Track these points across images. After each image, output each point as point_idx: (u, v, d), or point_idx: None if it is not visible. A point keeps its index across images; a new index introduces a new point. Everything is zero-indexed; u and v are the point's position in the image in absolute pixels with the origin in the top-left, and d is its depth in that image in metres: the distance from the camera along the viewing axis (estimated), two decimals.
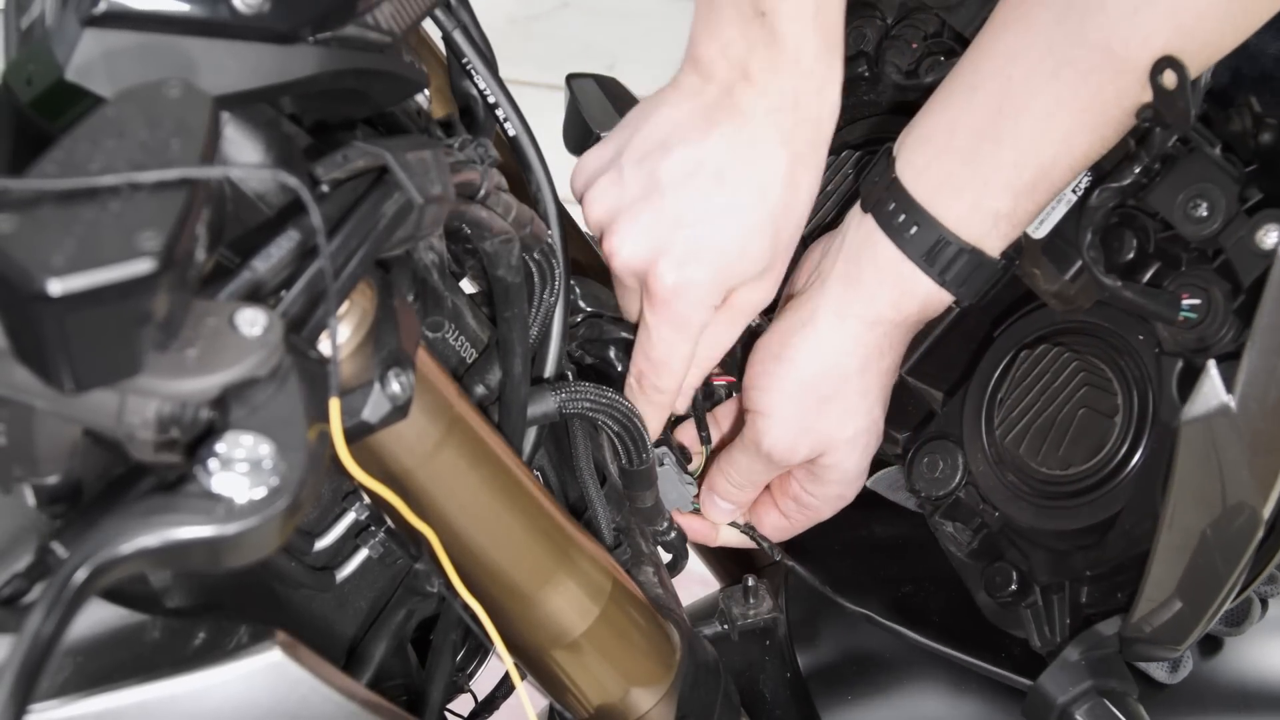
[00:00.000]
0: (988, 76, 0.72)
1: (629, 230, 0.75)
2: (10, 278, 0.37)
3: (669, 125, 0.76)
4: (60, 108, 0.48)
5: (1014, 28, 0.71)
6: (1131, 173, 0.71)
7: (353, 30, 0.53)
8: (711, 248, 0.75)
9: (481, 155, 0.64)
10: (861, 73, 0.88)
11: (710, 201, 0.74)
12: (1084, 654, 0.76)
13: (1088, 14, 0.68)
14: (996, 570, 0.81)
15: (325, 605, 0.67)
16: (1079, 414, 0.77)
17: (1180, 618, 0.72)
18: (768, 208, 0.75)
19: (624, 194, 0.76)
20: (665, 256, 0.75)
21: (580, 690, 0.70)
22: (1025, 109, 0.71)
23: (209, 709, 0.50)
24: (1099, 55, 0.68)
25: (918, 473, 0.83)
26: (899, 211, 0.74)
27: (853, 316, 0.77)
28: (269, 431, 0.42)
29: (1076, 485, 0.77)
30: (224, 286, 0.46)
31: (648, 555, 0.80)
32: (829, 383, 0.79)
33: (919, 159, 0.75)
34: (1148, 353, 0.74)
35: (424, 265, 0.63)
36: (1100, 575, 0.77)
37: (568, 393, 0.72)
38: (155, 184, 0.40)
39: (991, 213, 0.73)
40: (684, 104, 0.76)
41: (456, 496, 0.62)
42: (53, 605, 0.39)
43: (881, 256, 0.76)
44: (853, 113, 0.89)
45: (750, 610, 0.88)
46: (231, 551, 0.41)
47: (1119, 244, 0.73)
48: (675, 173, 0.75)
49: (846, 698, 0.88)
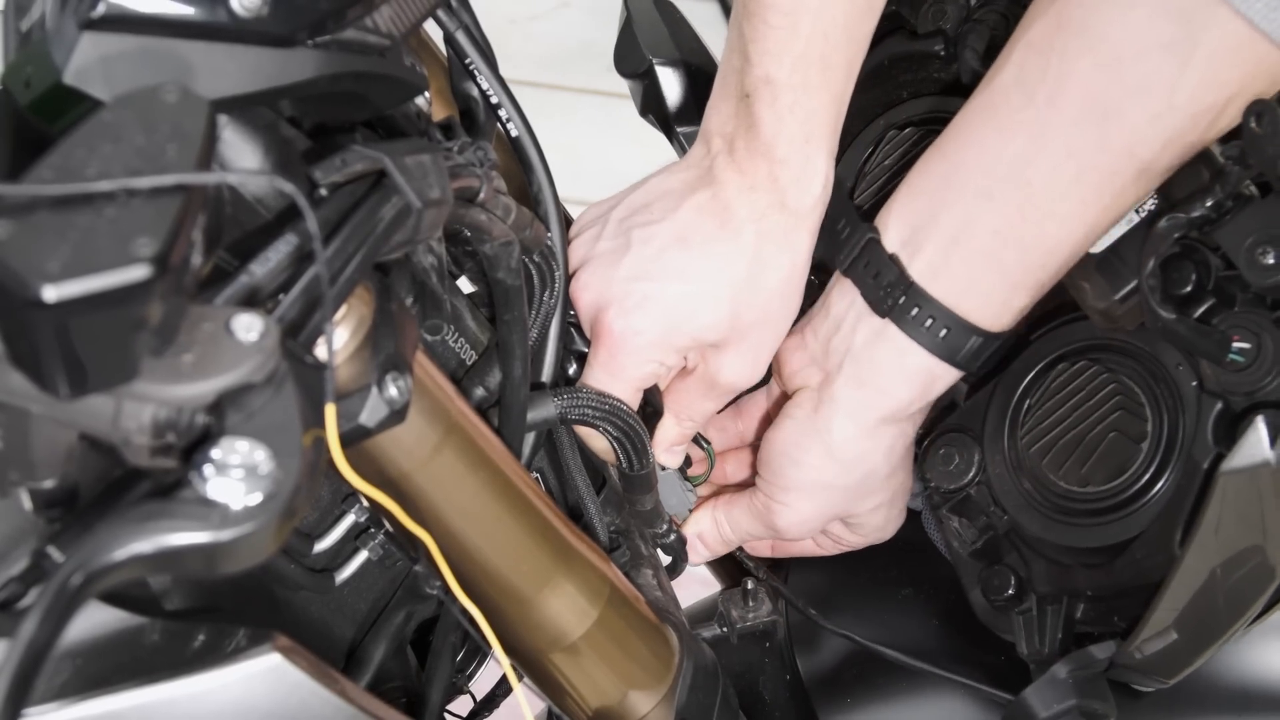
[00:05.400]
0: (1003, 181, 0.71)
1: (589, 278, 0.77)
2: (5, 283, 0.37)
3: (660, 190, 0.78)
4: (58, 111, 0.48)
5: (1026, 131, 0.70)
6: (1203, 206, 0.69)
7: (352, 33, 0.53)
8: (660, 304, 0.76)
9: (481, 158, 0.63)
10: (937, 50, 0.86)
11: (668, 262, 0.76)
12: (1072, 672, 0.76)
13: (1107, 120, 0.67)
14: (996, 572, 0.81)
15: (324, 608, 0.67)
16: (1107, 435, 0.77)
17: (1175, 651, 0.73)
18: (727, 279, 0.76)
19: (596, 247, 0.78)
20: (615, 305, 0.76)
21: (578, 693, 0.70)
22: (1049, 214, 0.71)
23: (208, 712, 0.50)
24: (1122, 161, 0.68)
25: (931, 462, 0.82)
26: (926, 316, 0.74)
27: (870, 419, 0.78)
28: (265, 437, 0.42)
29: (1093, 504, 0.77)
30: (221, 291, 0.46)
31: (647, 558, 0.80)
32: (849, 478, 0.80)
33: (936, 261, 0.74)
34: (1185, 383, 0.73)
35: (423, 268, 0.62)
36: (1100, 596, 0.77)
37: (569, 398, 0.72)
38: (151, 190, 0.40)
39: (1020, 307, 0.75)
40: (679, 173, 0.78)
41: (455, 500, 0.62)
42: (48, 610, 0.39)
43: (909, 361, 0.76)
44: (918, 88, 0.87)
45: (749, 613, 0.88)
46: (226, 557, 0.41)
47: (1178, 275, 0.72)
48: (645, 232, 0.76)
49: (845, 701, 0.88)
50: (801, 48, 0.73)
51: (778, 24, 0.73)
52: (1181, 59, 0.65)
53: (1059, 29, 0.69)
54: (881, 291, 0.75)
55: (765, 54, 0.73)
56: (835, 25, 0.74)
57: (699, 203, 0.76)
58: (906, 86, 0.88)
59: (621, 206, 0.79)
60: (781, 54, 0.73)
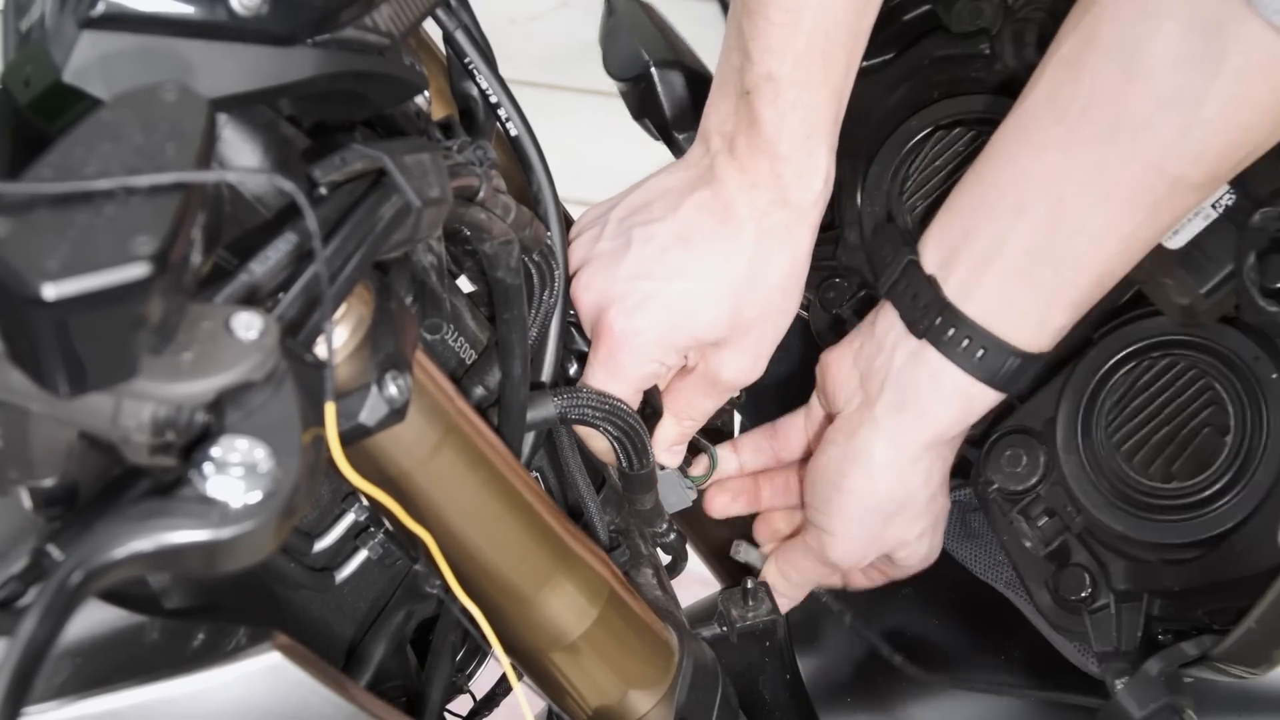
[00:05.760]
0: (1035, 197, 0.71)
1: (590, 278, 0.77)
2: (5, 281, 0.37)
3: (659, 189, 0.78)
4: (58, 110, 0.48)
5: (1057, 147, 0.70)
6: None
7: (351, 32, 0.53)
8: (661, 302, 0.76)
9: (480, 157, 0.64)
10: (982, 50, 0.86)
11: (669, 261, 0.76)
12: (1163, 670, 0.75)
13: (1137, 135, 0.67)
14: (1070, 573, 0.79)
15: (324, 606, 0.67)
16: (1194, 429, 0.76)
17: (1263, 643, 0.72)
18: (728, 277, 0.76)
19: (597, 246, 0.78)
20: (616, 305, 0.76)
21: (578, 692, 0.70)
22: (1080, 230, 0.70)
23: (208, 711, 0.50)
24: (1153, 175, 0.68)
25: (994, 464, 0.81)
26: (962, 337, 0.74)
27: (911, 443, 0.78)
28: (264, 435, 0.42)
29: (1179, 499, 0.76)
30: (220, 289, 0.46)
31: (647, 557, 0.80)
32: (893, 503, 0.80)
33: (970, 281, 0.74)
34: (1265, 375, 0.74)
35: (422, 267, 0.62)
36: (1185, 591, 0.76)
37: (569, 398, 0.72)
38: (150, 188, 0.40)
39: (1058, 327, 0.74)
40: (678, 172, 0.78)
41: (454, 499, 0.62)
42: (47, 608, 0.39)
43: (946, 382, 0.76)
44: (957, 87, 0.87)
45: (749, 612, 0.88)
46: (226, 555, 0.41)
47: (1273, 269, 0.72)
48: (646, 231, 0.76)
49: (845, 700, 0.88)
50: (803, 44, 0.73)
51: (779, 20, 0.73)
52: (1209, 72, 0.64)
53: (1091, 45, 0.69)
54: (918, 313, 0.76)
55: (767, 51, 0.73)
56: (836, 21, 0.73)
57: (700, 201, 0.76)
58: (939, 86, 0.88)
59: (622, 206, 0.79)
60: (784, 50, 0.73)
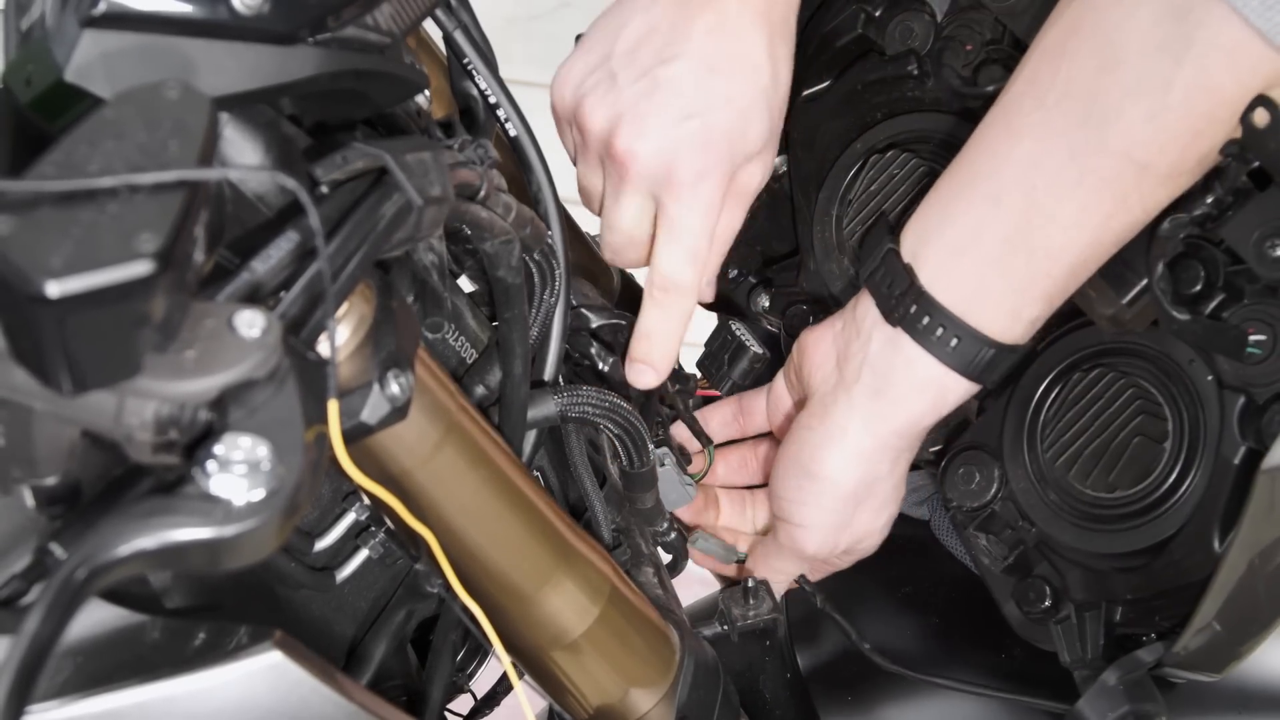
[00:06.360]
0: (1010, 184, 0.72)
1: (639, 129, 0.76)
2: (8, 279, 0.37)
3: (645, 28, 0.77)
4: (59, 109, 0.48)
5: (1033, 134, 0.70)
6: (1203, 204, 0.70)
7: (352, 31, 0.53)
8: (722, 131, 0.76)
9: (481, 156, 0.63)
10: (910, 71, 0.87)
11: (710, 90, 0.76)
12: (1121, 678, 0.76)
13: (1106, 122, 0.68)
14: (1030, 585, 0.80)
15: (325, 606, 0.67)
16: (1130, 438, 0.77)
17: (1222, 645, 0.72)
18: (760, 86, 0.77)
19: (622, 97, 0.77)
20: (684, 148, 0.76)
21: (579, 691, 0.70)
22: (1053, 218, 0.71)
23: (209, 710, 0.50)
24: (1121, 163, 0.68)
25: (951, 482, 0.82)
26: (935, 325, 0.74)
27: (884, 430, 0.78)
28: (267, 433, 0.42)
29: (1122, 509, 0.77)
30: (223, 288, 0.46)
31: (648, 556, 0.80)
32: (863, 488, 0.80)
33: (945, 268, 0.74)
34: (1200, 379, 0.74)
35: (424, 266, 0.62)
36: (1139, 599, 0.77)
37: (569, 396, 0.72)
38: (153, 186, 0.40)
39: (1031, 319, 0.74)
40: (655, 6, 0.77)
41: (455, 497, 0.62)
42: (50, 606, 0.39)
43: (919, 370, 0.76)
44: (894, 107, 0.88)
45: (750, 611, 0.88)
46: (229, 553, 0.41)
47: (1186, 274, 0.72)
48: (670, 69, 0.76)
49: (846, 699, 0.88)
50: None
51: None
52: (1175, 57, 0.64)
53: (1072, 33, 0.69)
54: (894, 300, 0.76)
55: None
56: None
57: (709, 26, 0.76)
58: (880, 108, 0.89)
59: (617, 53, 0.78)
60: None
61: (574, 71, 0.79)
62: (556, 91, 0.80)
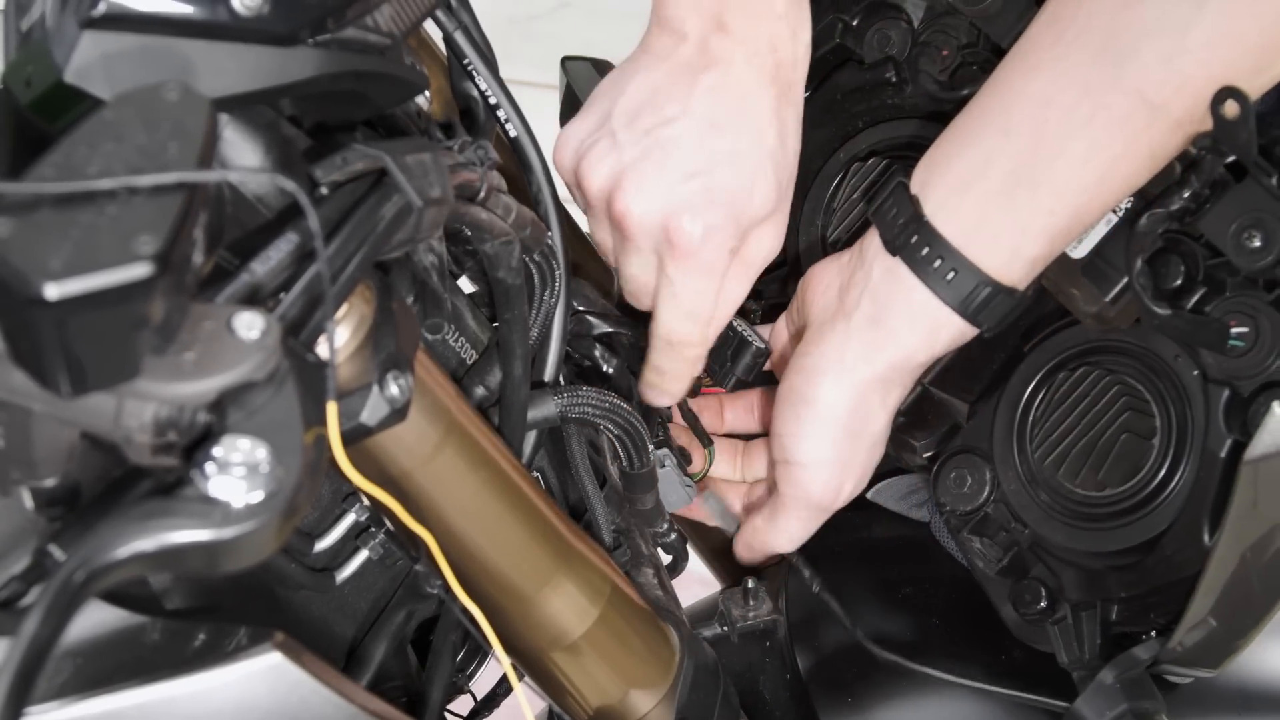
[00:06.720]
0: (1021, 118, 0.71)
1: (637, 189, 0.74)
2: (7, 281, 0.37)
3: (649, 88, 0.75)
4: (59, 110, 0.48)
5: (1048, 69, 0.70)
6: (1180, 198, 0.70)
7: (352, 32, 0.53)
8: (725, 192, 0.74)
9: (481, 157, 0.63)
10: (888, 78, 0.87)
11: (713, 150, 0.74)
12: (1118, 677, 0.76)
13: (1123, 60, 0.67)
14: (1025, 587, 0.80)
15: (325, 607, 0.67)
16: (1118, 436, 0.77)
17: (1218, 640, 0.72)
18: (766, 148, 0.75)
19: (623, 157, 0.75)
20: (684, 209, 0.74)
21: (579, 692, 0.70)
22: (1061, 154, 0.70)
23: (208, 711, 0.50)
24: (1134, 102, 0.68)
25: (944, 487, 0.82)
26: (934, 257, 0.74)
27: (880, 360, 0.78)
28: (266, 435, 0.42)
29: (1113, 507, 0.77)
30: (222, 289, 0.46)
31: (647, 557, 0.80)
32: (859, 419, 0.80)
33: (950, 200, 0.74)
34: (1185, 373, 0.74)
35: (423, 267, 0.62)
36: (1134, 596, 0.77)
37: (569, 397, 0.72)
38: (153, 187, 0.40)
39: (1030, 258, 0.74)
40: (659, 66, 0.76)
41: (455, 499, 0.62)
42: (49, 608, 0.39)
43: (915, 301, 0.76)
44: (874, 115, 0.88)
45: (750, 612, 0.88)
46: (228, 555, 0.41)
47: (1166, 270, 0.72)
48: (672, 130, 0.74)
49: (846, 700, 0.88)
50: None
51: None
52: (1198, 1, 0.64)
53: None
54: (897, 230, 0.76)
55: None
56: None
57: (710, 86, 0.74)
58: (861, 116, 0.89)
59: (618, 113, 0.76)
60: None
61: (575, 132, 0.78)
62: (558, 152, 0.79)
